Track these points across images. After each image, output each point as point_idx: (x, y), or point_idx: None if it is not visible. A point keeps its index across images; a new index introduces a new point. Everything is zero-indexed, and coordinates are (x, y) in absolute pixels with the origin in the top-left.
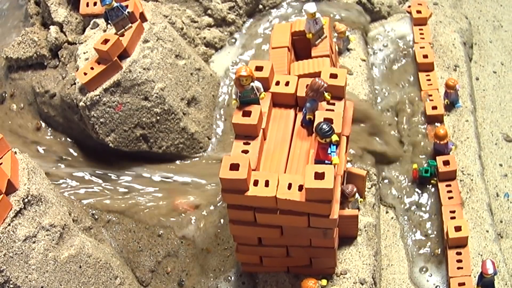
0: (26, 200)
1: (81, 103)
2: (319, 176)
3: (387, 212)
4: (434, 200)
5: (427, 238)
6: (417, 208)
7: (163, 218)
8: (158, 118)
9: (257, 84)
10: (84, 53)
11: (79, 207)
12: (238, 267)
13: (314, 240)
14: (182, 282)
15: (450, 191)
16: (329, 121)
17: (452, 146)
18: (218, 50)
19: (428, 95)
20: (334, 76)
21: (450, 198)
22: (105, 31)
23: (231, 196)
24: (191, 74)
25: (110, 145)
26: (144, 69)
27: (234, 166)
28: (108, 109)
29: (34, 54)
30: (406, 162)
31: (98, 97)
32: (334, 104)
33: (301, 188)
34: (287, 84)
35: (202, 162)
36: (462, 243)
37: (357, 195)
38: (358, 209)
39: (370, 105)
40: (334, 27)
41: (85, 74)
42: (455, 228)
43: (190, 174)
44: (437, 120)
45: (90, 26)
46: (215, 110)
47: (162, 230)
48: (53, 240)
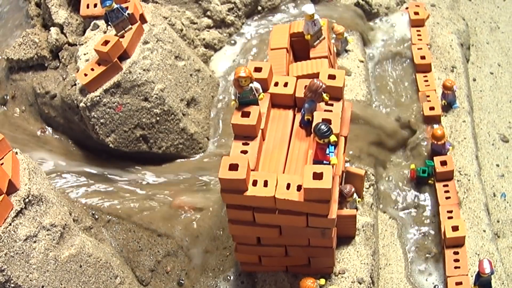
0: (27, 200)
1: (81, 104)
2: (318, 176)
3: (385, 212)
4: (432, 200)
5: (425, 238)
6: (414, 208)
7: (163, 218)
8: (158, 118)
9: (256, 85)
10: (84, 54)
11: (80, 207)
12: (237, 267)
13: (312, 239)
14: (182, 282)
15: (447, 191)
16: (327, 121)
17: (449, 146)
18: (217, 51)
19: (425, 96)
20: (332, 77)
21: (447, 198)
22: (105, 33)
23: (230, 196)
24: (191, 75)
25: (110, 145)
26: (144, 70)
27: (233, 166)
28: (108, 110)
29: (35, 55)
30: (404, 162)
31: (98, 98)
32: (332, 105)
33: (299, 188)
34: (286, 85)
35: (201, 161)
36: (459, 243)
37: (355, 195)
38: (356, 209)
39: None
40: (333, 29)
41: (85, 75)
42: (453, 228)
43: (189, 174)
44: (434, 120)
45: (90, 27)
46: (214, 111)
47: (161, 230)
48: (53, 239)
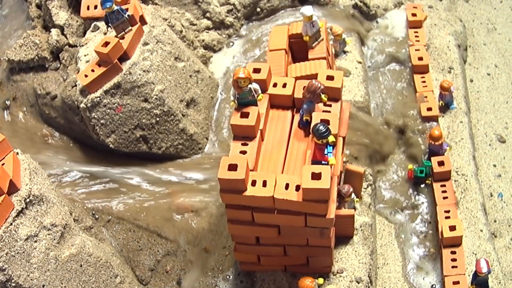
0: (28, 200)
1: (82, 105)
2: (316, 176)
3: (383, 211)
4: (429, 200)
5: (422, 238)
6: (412, 208)
7: (163, 217)
8: (158, 119)
9: (255, 86)
10: (85, 55)
11: (80, 207)
12: (236, 266)
13: (311, 239)
14: (181, 281)
15: (444, 191)
16: (325, 122)
17: (446, 147)
18: (217, 52)
19: (423, 97)
20: (330, 78)
21: (444, 198)
22: (105, 34)
23: (229, 196)
24: (190, 76)
25: (111, 146)
26: (144, 71)
27: (232, 167)
28: (108, 110)
29: (36, 57)
30: (402, 163)
31: (98, 98)
32: (330, 105)
33: (298, 188)
34: (285, 86)
35: (201, 162)
36: (456, 243)
37: (353, 195)
38: (354, 209)
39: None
40: (331, 30)
41: (86, 76)
42: (450, 227)
43: (189, 174)
44: (432, 121)
45: (90, 29)
46: (213, 111)
47: (161, 230)
48: (54, 239)
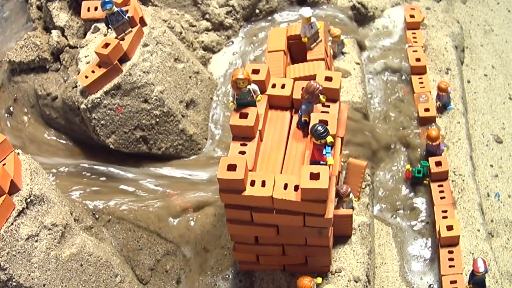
0: (29, 200)
1: (82, 106)
2: (314, 176)
3: (381, 211)
4: (427, 200)
5: (420, 237)
6: (409, 207)
7: (162, 217)
8: (158, 120)
9: (253, 86)
10: (85, 56)
11: (80, 207)
12: (236, 266)
13: (309, 239)
14: (181, 280)
15: (442, 191)
16: (324, 123)
17: (444, 147)
18: (216, 53)
19: (421, 97)
20: (329, 79)
21: (442, 198)
22: (105, 35)
23: (229, 196)
24: (190, 77)
25: (111, 146)
26: (144, 72)
27: (232, 167)
28: (108, 111)
29: (36, 58)
30: (399, 163)
31: (99, 99)
32: (329, 106)
33: (296, 188)
34: (283, 86)
35: (200, 162)
36: (453, 242)
37: (351, 195)
38: (353, 208)
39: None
40: (329, 31)
41: (86, 77)
42: (447, 227)
43: (188, 174)
44: (429, 121)
45: (91, 30)
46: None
47: (161, 230)
48: (55, 239)
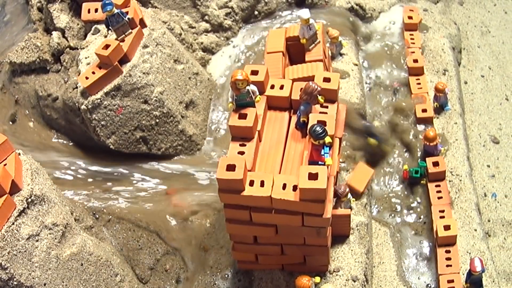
0: (30, 199)
1: (82, 106)
2: (313, 176)
3: (379, 211)
4: (424, 200)
5: (417, 237)
6: (407, 207)
7: (162, 217)
8: (157, 121)
9: (252, 87)
10: (85, 58)
11: (81, 207)
12: (235, 265)
13: (308, 238)
14: (180, 280)
15: (439, 191)
16: (322, 123)
17: (441, 148)
18: (215, 54)
19: (419, 98)
20: (327, 80)
21: (439, 198)
22: (106, 37)
23: (228, 196)
24: (189, 78)
25: (111, 147)
26: (143, 73)
27: (231, 167)
28: (109, 112)
29: (37, 59)
30: (397, 163)
31: (99, 100)
32: (327, 107)
33: (295, 188)
34: (282, 87)
35: (199, 162)
36: (451, 242)
37: (349, 195)
38: (351, 208)
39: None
40: (327, 33)
41: (86, 78)
42: (444, 227)
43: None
44: (427, 122)
45: (91, 31)
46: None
47: (161, 229)
48: (55, 238)
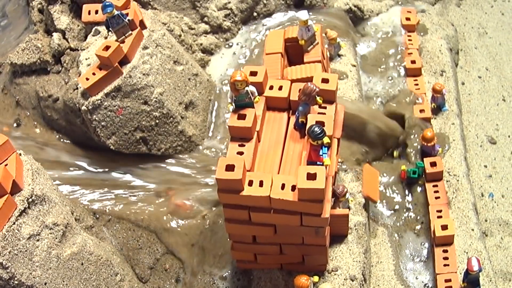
0: (30, 199)
1: (83, 107)
2: (311, 176)
3: (377, 211)
4: (422, 200)
5: (415, 237)
6: (404, 207)
7: (162, 217)
8: (157, 121)
9: (251, 88)
10: (86, 59)
11: (81, 207)
12: (234, 264)
13: (306, 238)
14: (180, 279)
15: (437, 191)
16: (321, 124)
17: (439, 148)
18: (214, 56)
19: (417, 98)
20: (325, 81)
21: (437, 198)
22: (106, 38)
23: (227, 195)
24: (189, 79)
25: (111, 147)
26: (143, 74)
27: (230, 167)
28: (109, 113)
29: (38, 60)
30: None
31: (99, 101)
32: (325, 107)
33: (294, 188)
34: (281, 88)
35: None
36: (448, 241)
37: (347, 195)
38: (349, 208)
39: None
40: (326, 34)
41: (87, 79)
42: (442, 226)
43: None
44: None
45: (91, 33)
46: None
47: (160, 229)
48: (56, 238)
